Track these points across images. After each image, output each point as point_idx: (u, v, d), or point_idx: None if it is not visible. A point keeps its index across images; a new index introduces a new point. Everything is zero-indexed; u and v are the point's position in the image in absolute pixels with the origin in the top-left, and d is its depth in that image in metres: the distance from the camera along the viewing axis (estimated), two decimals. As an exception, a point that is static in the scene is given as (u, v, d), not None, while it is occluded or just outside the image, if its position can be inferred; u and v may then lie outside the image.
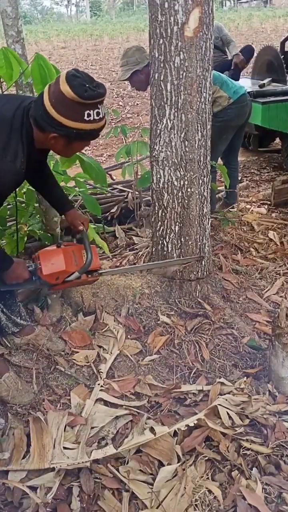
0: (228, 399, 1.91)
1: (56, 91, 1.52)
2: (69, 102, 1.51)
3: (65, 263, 1.93)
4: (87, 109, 1.53)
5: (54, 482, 1.63)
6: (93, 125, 1.57)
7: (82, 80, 1.52)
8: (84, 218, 2.08)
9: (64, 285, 2.02)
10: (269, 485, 1.65)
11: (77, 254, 2.00)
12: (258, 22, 24.59)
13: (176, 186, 2.36)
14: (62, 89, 1.50)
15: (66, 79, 1.51)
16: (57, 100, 1.52)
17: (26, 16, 45.27)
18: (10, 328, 2.15)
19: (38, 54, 2.08)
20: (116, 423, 1.88)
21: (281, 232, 3.49)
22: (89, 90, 1.51)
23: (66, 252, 1.96)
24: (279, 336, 1.97)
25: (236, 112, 3.37)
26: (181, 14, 2.05)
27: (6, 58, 2.02)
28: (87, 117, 1.54)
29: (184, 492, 1.59)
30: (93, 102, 1.53)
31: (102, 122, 1.60)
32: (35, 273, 1.96)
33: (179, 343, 2.31)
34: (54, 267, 1.92)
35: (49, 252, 1.96)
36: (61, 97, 1.51)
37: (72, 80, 1.51)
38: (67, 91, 1.50)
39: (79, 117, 1.54)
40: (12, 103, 1.66)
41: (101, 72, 13.55)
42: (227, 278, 2.80)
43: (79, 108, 1.52)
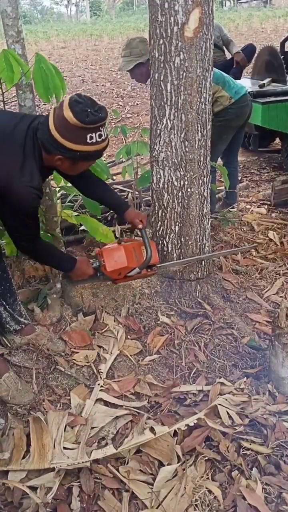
0: (228, 399, 1.91)
1: (60, 116, 1.61)
2: (72, 127, 1.60)
3: (127, 259, 2.08)
4: (89, 132, 1.62)
5: (54, 482, 1.63)
6: (96, 147, 1.66)
7: (84, 105, 1.60)
8: (142, 216, 2.17)
9: (126, 279, 2.18)
10: (269, 485, 1.65)
11: (137, 250, 2.14)
12: (258, 22, 24.58)
13: (176, 186, 2.36)
14: (66, 115, 1.59)
15: (69, 105, 1.60)
16: (61, 125, 1.61)
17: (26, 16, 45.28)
18: (12, 326, 2.17)
19: (38, 54, 2.08)
20: (116, 423, 1.88)
21: (281, 232, 3.49)
22: (90, 115, 1.59)
23: (127, 249, 2.11)
24: (279, 336, 1.96)
25: (237, 112, 3.37)
26: (181, 15, 2.05)
27: (7, 60, 2.02)
28: (89, 140, 1.63)
29: (184, 492, 1.59)
30: (95, 126, 1.61)
31: (104, 143, 1.69)
32: (99, 269, 2.12)
33: (179, 343, 2.31)
34: (117, 263, 2.08)
35: (112, 249, 2.11)
36: (64, 122, 1.60)
37: (74, 106, 1.59)
38: (70, 117, 1.58)
39: (82, 141, 1.63)
40: (22, 124, 1.73)
41: (100, 72, 13.55)
42: (227, 278, 2.80)
43: (82, 132, 1.61)
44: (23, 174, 1.66)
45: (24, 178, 1.65)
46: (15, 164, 1.66)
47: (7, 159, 1.66)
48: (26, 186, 1.65)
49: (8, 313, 2.14)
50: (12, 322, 2.16)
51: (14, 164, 1.66)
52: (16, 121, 1.74)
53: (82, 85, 11.69)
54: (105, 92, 10.65)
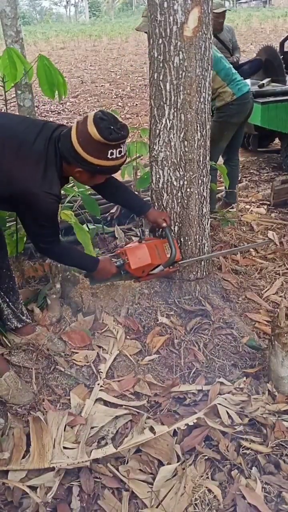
0: (228, 398, 1.91)
1: (83, 131, 1.68)
2: (95, 143, 1.67)
3: (150, 257, 2.14)
4: (110, 148, 1.69)
5: (54, 482, 1.63)
6: (115, 162, 1.74)
7: (108, 122, 1.67)
8: (164, 214, 2.26)
9: (149, 276, 2.25)
10: (268, 484, 1.65)
11: (159, 248, 2.20)
12: (257, 22, 24.63)
13: (175, 186, 2.36)
14: (90, 131, 1.66)
15: (94, 121, 1.67)
16: (84, 140, 1.68)
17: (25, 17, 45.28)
18: (13, 324, 2.19)
19: (41, 55, 2.09)
20: (116, 423, 1.88)
21: (281, 232, 3.49)
22: (113, 133, 1.66)
23: (150, 247, 2.17)
24: (279, 336, 1.97)
25: (238, 109, 3.40)
26: (180, 14, 2.05)
27: (10, 58, 2.03)
28: (110, 156, 1.70)
29: (184, 491, 1.59)
30: (116, 143, 1.69)
31: (123, 159, 1.76)
32: (122, 268, 2.17)
33: (179, 343, 2.31)
34: (141, 261, 2.14)
35: (135, 248, 2.17)
36: (88, 137, 1.67)
37: (99, 122, 1.66)
38: (94, 133, 1.65)
39: (103, 156, 1.70)
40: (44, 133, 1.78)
41: (100, 73, 13.56)
42: (226, 278, 2.80)
43: (103, 148, 1.68)
44: (44, 182, 1.72)
45: (44, 186, 1.72)
46: (37, 172, 1.72)
47: (29, 168, 1.72)
48: (46, 193, 1.71)
49: (10, 310, 2.16)
50: (14, 320, 2.18)
51: (35, 172, 1.72)
52: (38, 130, 1.79)
53: (81, 85, 11.70)
54: (104, 93, 10.66)
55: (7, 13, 2.05)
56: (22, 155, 1.72)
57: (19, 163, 1.71)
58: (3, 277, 2.11)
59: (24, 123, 1.84)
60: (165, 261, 2.19)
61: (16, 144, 1.73)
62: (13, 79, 2.07)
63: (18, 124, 1.82)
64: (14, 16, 2.07)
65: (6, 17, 2.06)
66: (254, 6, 38.80)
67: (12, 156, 1.71)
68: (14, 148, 1.72)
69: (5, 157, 1.71)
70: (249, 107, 3.58)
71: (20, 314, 2.20)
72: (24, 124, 1.82)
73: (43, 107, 9.29)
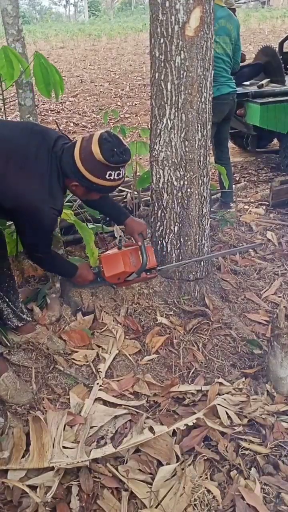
0: (227, 399, 1.91)
1: (87, 149, 1.71)
2: (96, 162, 1.71)
3: (123, 265, 2.20)
4: (110, 170, 1.73)
5: (54, 481, 1.62)
6: (112, 183, 1.77)
7: (112, 145, 1.70)
8: (142, 228, 2.25)
9: (126, 283, 2.31)
10: (267, 485, 1.65)
11: (134, 255, 2.24)
12: (255, 23, 24.64)
13: (175, 186, 2.36)
14: (93, 149, 1.69)
15: (98, 141, 1.70)
16: (86, 157, 1.72)
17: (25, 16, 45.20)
18: (13, 323, 2.19)
19: (37, 53, 2.08)
20: (115, 423, 1.88)
21: (279, 232, 3.50)
22: (115, 156, 1.70)
23: (125, 254, 2.23)
24: (278, 336, 1.97)
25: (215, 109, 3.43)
26: (182, 13, 2.05)
27: (7, 57, 2.02)
28: (108, 176, 1.74)
29: (183, 491, 1.59)
30: (116, 165, 1.72)
31: (120, 181, 1.80)
32: (99, 274, 2.26)
33: (178, 343, 2.31)
34: (115, 269, 2.20)
35: (110, 256, 2.24)
36: (90, 155, 1.70)
37: (103, 143, 1.69)
38: (96, 152, 1.69)
39: (102, 176, 1.74)
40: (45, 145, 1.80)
41: (99, 72, 13.55)
42: (225, 278, 2.80)
43: (103, 168, 1.72)
44: (50, 198, 1.75)
45: (50, 201, 1.75)
46: (43, 187, 1.74)
47: (34, 182, 1.74)
48: (50, 208, 1.75)
49: (10, 309, 2.16)
50: (14, 319, 2.19)
51: (42, 187, 1.74)
52: (39, 141, 1.80)
53: (81, 85, 11.68)
54: (103, 92, 10.65)
55: (8, 11, 2.04)
56: (27, 168, 1.73)
57: (24, 176, 1.72)
58: (3, 276, 2.11)
59: (24, 132, 1.83)
60: (139, 268, 2.22)
61: (20, 157, 1.73)
62: (10, 78, 2.05)
63: (19, 134, 1.81)
64: (15, 15, 2.06)
65: (8, 16, 2.05)
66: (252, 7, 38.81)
67: (17, 169, 1.72)
68: (19, 161, 1.73)
69: (10, 170, 1.71)
70: (228, 108, 3.68)
71: (20, 313, 2.20)
72: (25, 134, 1.81)
73: (43, 106, 9.27)
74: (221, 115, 3.62)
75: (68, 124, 8.03)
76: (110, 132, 1.75)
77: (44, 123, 8.04)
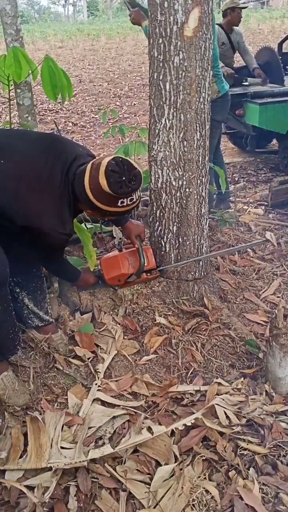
0: (225, 399, 1.91)
1: (95, 179, 1.69)
2: (105, 193, 1.69)
3: (122, 267, 2.24)
4: (121, 199, 1.72)
5: (51, 482, 1.62)
6: (125, 208, 1.77)
7: (119, 175, 1.66)
8: (140, 230, 2.27)
9: (126, 284, 2.35)
10: (266, 485, 1.65)
11: (133, 257, 2.27)
12: (255, 23, 24.65)
13: (174, 186, 2.36)
14: (100, 182, 1.67)
15: (105, 173, 1.66)
16: (94, 188, 1.70)
17: (24, 16, 45.17)
18: (34, 322, 2.20)
19: (48, 56, 2.10)
20: (113, 423, 1.88)
21: (278, 233, 3.50)
22: (124, 187, 1.68)
23: (123, 257, 2.26)
24: (277, 336, 1.97)
25: (222, 106, 3.46)
26: (181, 14, 2.05)
27: (16, 57, 2.02)
28: (120, 204, 1.73)
29: (181, 492, 1.59)
30: (127, 195, 1.71)
31: (134, 204, 1.79)
32: (100, 277, 2.30)
33: (177, 343, 2.31)
34: (114, 271, 2.25)
35: (109, 258, 2.28)
36: (98, 187, 1.69)
37: (110, 176, 1.66)
38: (104, 185, 1.67)
39: (113, 204, 1.73)
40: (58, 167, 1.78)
41: (98, 72, 13.55)
42: (224, 278, 2.80)
43: (113, 198, 1.71)
44: (57, 221, 1.76)
45: (57, 225, 1.76)
46: (50, 211, 1.75)
47: (45, 205, 1.74)
48: (58, 233, 1.77)
49: (29, 310, 2.17)
50: (35, 319, 2.20)
51: (49, 210, 1.75)
52: (54, 161, 1.78)
53: (80, 85, 11.68)
54: (102, 92, 10.66)
55: (7, 11, 2.04)
56: (39, 190, 1.73)
57: (35, 199, 1.72)
58: (31, 276, 2.13)
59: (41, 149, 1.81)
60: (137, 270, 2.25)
61: (33, 177, 1.73)
62: (18, 78, 2.07)
63: (36, 152, 1.80)
64: (14, 15, 2.06)
65: (6, 15, 2.05)
66: (252, 7, 38.85)
67: (29, 189, 1.71)
68: (31, 182, 1.72)
69: (21, 189, 1.71)
70: (229, 106, 3.69)
71: (44, 314, 2.21)
72: (42, 152, 1.80)
73: (41, 106, 9.28)
74: (226, 112, 3.65)
75: (66, 124, 8.03)
76: (117, 159, 1.70)
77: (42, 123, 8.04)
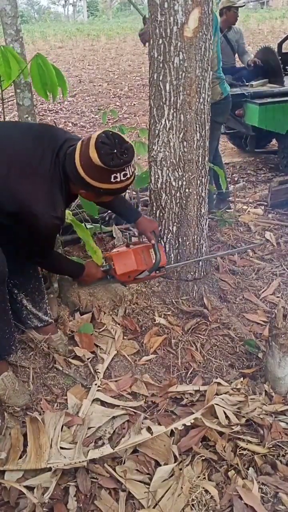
0: (225, 399, 1.91)
1: (85, 155, 1.62)
2: (96, 168, 1.61)
3: (136, 263, 2.14)
4: (114, 173, 1.63)
5: (51, 482, 1.62)
6: (120, 185, 1.68)
7: (110, 147, 1.59)
8: (154, 226, 2.23)
9: (135, 281, 2.27)
10: (265, 484, 1.65)
11: (145, 253, 2.21)
12: (255, 23, 24.64)
13: (174, 187, 2.37)
14: (91, 155, 1.60)
15: (95, 145, 1.60)
16: (86, 163, 1.63)
17: (23, 16, 45.18)
18: (33, 323, 2.20)
19: (39, 54, 2.07)
20: (113, 423, 1.88)
21: (278, 233, 3.50)
22: (115, 159, 1.59)
23: (136, 252, 2.17)
24: (276, 336, 1.97)
25: (224, 108, 3.47)
26: (181, 14, 2.06)
27: (5, 56, 2.01)
28: (113, 179, 1.64)
29: (180, 492, 1.59)
30: (119, 168, 1.62)
31: (129, 181, 1.70)
32: (108, 272, 2.21)
33: (176, 343, 2.31)
34: (127, 267, 2.15)
35: (121, 253, 2.18)
36: (89, 162, 1.61)
37: (100, 148, 1.59)
38: (94, 158, 1.59)
39: (106, 180, 1.64)
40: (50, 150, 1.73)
41: (98, 72, 13.55)
42: (224, 278, 2.81)
43: (106, 172, 1.62)
44: (48, 204, 1.69)
45: (48, 208, 1.69)
46: (41, 193, 1.69)
47: (34, 188, 1.69)
48: (49, 216, 1.69)
49: (28, 311, 2.16)
50: (35, 320, 2.19)
51: (40, 193, 1.69)
52: (44, 144, 1.74)
53: (79, 85, 11.68)
54: (102, 92, 10.65)
55: (7, 11, 2.04)
56: (29, 174, 1.69)
57: (25, 183, 1.68)
58: (29, 277, 2.11)
59: (33, 135, 1.79)
60: (150, 266, 2.19)
61: (23, 162, 1.70)
62: (8, 78, 2.05)
63: (27, 138, 1.78)
64: (14, 15, 2.06)
65: (6, 16, 2.05)
66: (252, 7, 38.85)
67: (19, 174, 1.68)
68: (21, 167, 1.69)
69: (12, 175, 1.68)
70: (230, 107, 3.70)
71: (43, 314, 2.19)
72: (33, 138, 1.77)
73: (41, 106, 9.27)
74: (227, 114, 3.67)
75: (66, 124, 8.03)
76: (108, 132, 1.64)
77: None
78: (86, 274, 2.16)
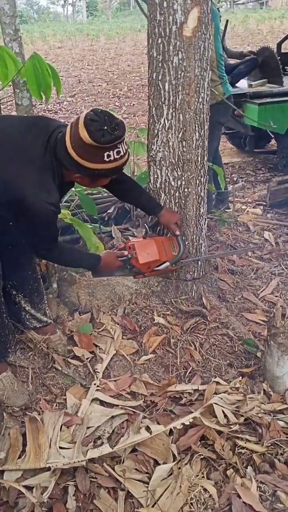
0: (224, 398, 1.91)
1: (75, 135, 1.57)
2: (88, 147, 1.56)
3: (158, 253, 2.12)
4: (106, 151, 1.57)
5: (50, 482, 1.62)
6: (114, 164, 1.62)
7: (99, 124, 1.54)
8: (176, 217, 2.23)
9: (152, 273, 2.20)
10: (263, 483, 1.66)
11: (166, 245, 2.19)
12: (254, 23, 24.64)
13: (173, 186, 2.37)
14: (81, 134, 1.55)
15: (84, 123, 1.54)
16: (76, 144, 1.57)
17: (22, 16, 45.15)
18: (32, 324, 2.19)
19: (35, 53, 2.08)
20: (112, 423, 1.88)
21: (276, 232, 3.51)
22: (106, 134, 1.54)
23: (158, 243, 2.15)
24: (275, 335, 1.97)
25: (226, 108, 3.46)
26: (180, 14, 2.06)
27: (1, 57, 2.01)
28: (107, 158, 1.58)
29: (179, 490, 1.60)
30: (111, 145, 1.56)
31: (123, 159, 1.64)
32: (128, 262, 2.10)
33: (175, 343, 2.31)
34: (149, 256, 2.10)
35: (144, 242, 2.13)
36: (80, 141, 1.56)
37: (89, 125, 1.54)
38: (85, 137, 1.54)
39: (99, 159, 1.59)
40: (42, 137, 1.69)
41: (97, 72, 13.55)
42: (222, 278, 2.81)
43: (98, 151, 1.57)
44: (41, 190, 1.64)
45: (41, 194, 1.63)
46: (34, 180, 1.64)
47: (26, 175, 1.64)
48: (43, 202, 1.63)
49: (27, 312, 2.15)
50: (34, 321, 2.18)
51: (32, 180, 1.64)
52: (36, 132, 1.70)
53: (79, 85, 11.68)
54: (101, 93, 10.65)
55: (5, 11, 2.04)
56: (20, 161, 1.65)
57: (16, 170, 1.64)
58: (28, 279, 2.09)
59: (26, 124, 1.76)
60: (171, 258, 2.17)
61: (13, 149, 1.66)
62: (5, 78, 2.05)
63: (19, 127, 1.75)
64: (12, 14, 2.07)
65: (5, 15, 2.05)
66: (251, 7, 38.85)
67: (9, 162, 1.64)
68: (11, 154, 1.65)
69: (3, 163, 1.64)
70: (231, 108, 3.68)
71: (42, 315, 2.18)
72: (26, 126, 1.74)
73: (40, 106, 9.27)
74: (228, 115, 3.65)
75: (66, 124, 8.02)
76: (96, 110, 1.58)
77: (42, 123, 8.02)
78: (103, 265, 2.04)
